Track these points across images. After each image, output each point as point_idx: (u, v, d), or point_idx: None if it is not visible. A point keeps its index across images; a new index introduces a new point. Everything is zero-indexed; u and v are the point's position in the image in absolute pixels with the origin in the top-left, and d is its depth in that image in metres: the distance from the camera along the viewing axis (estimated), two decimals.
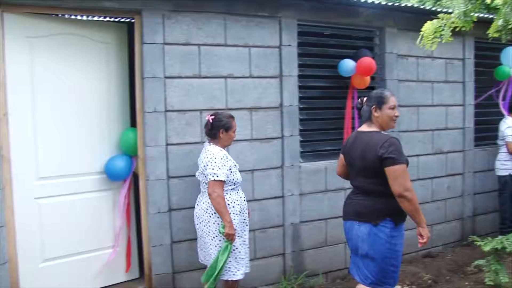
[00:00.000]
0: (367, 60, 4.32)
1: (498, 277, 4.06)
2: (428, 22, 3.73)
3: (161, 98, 3.69)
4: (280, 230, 4.25)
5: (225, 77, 3.95)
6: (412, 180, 4.58)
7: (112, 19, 4.27)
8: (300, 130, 4.35)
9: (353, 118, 4.60)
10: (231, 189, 3.44)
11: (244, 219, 3.53)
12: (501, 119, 5.51)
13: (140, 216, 3.89)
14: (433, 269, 4.74)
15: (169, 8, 3.71)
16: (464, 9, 3.70)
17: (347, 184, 4.51)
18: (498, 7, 3.73)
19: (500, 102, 5.67)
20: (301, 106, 4.35)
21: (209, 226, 3.39)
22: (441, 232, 5.29)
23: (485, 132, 5.71)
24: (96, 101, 3.84)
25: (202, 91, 3.85)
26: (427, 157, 5.12)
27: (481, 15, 5.02)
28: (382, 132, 3.11)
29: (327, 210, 4.49)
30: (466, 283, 4.38)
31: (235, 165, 3.46)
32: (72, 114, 3.71)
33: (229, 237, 3.28)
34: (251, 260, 4.08)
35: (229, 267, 3.42)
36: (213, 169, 3.28)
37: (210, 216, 3.38)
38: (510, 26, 3.64)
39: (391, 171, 2.90)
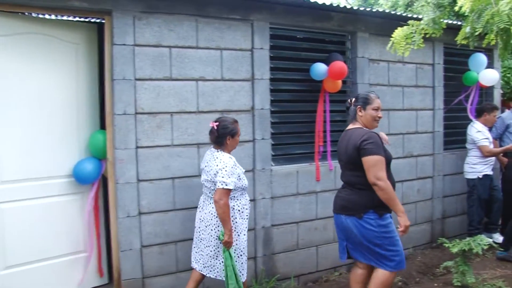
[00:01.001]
0: (339, 64, 4.39)
1: (466, 278, 4.20)
2: (399, 28, 3.83)
3: (131, 100, 3.69)
4: (252, 234, 4.28)
5: (197, 80, 3.97)
6: None
7: (82, 19, 4.24)
8: (272, 134, 4.39)
9: (324, 122, 4.67)
10: (240, 195, 3.53)
11: (247, 226, 3.64)
12: (468, 123, 5.69)
13: (109, 220, 3.87)
14: (403, 271, 4.83)
15: (140, 9, 3.72)
16: (433, 16, 3.82)
17: (318, 187, 4.63)
18: (466, 14, 3.86)
19: (468, 107, 5.86)
20: (272, 109, 4.40)
21: (218, 231, 3.45)
22: (411, 235, 5.40)
23: (454, 136, 5.89)
24: (64, 102, 3.81)
25: (173, 94, 3.87)
26: (397, 161, 5.24)
27: (450, 21, 5.19)
28: (364, 128, 3.38)
29: (298, 214, 4.55)
30: (435, 284, 4.50)
31: (243, 172, 3.56)
32: (38, 116, 3.67)
33: (227, 245, 3.37)
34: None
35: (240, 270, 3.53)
36: (223, 177, 3.32)
37: (219, 221, 3.43)
38: (477, 33, 3.76)
39: (366, 161, 3.21)
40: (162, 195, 3.84)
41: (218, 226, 3.45)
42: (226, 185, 3.31)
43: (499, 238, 5.70)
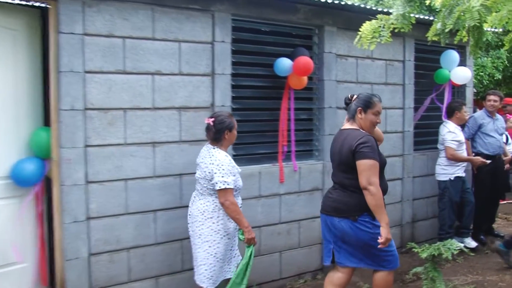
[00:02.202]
0: (305, 60, 4.40)
1: (435, 285, 4.24)
2: (367, 22, 3.86)
3: (79, 94, 3.59)
4: None
5: (152, 74, 3.91)
6: None
7: (22, 3, 4.05)
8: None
9: (289, 120, 4.68)
10: (234, 195, 3.56)
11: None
12: (440, 123, 5.80)
13: (53, 226, 3.75)
14: (371, 277, 4.87)
15: None
16: (403, 11, 3.86)
17: (282, 189, 4.64)
18: (438, 9, 3.92)
19: (442, 107, 5.97)
20: (234, 107, 4.37)
21: (202, 228, 3.54)
22: None
23: (425, 136, 5.99)
24: (0, 96, 3.64)
25: (127, 88, 3.80)
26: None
27: (422, 16, 5.27)
28: (361, 130, 3.53)
29: (261, 218, 4.54)
30: None
31: (238, 171, 3.64)
32: None
33: (251, 242, 3.54)
34: (179, 272, 4.09)
35: (212, 275, 3.57)
36: (222, 177, 3.41)
37: (205, 219, 3.53)
38: (448, 30, 3.82)
39: (359, 164, 3.36)
40: (114, 198, 3.76)
41: (203, 224, 3.53)
42: (228, 184, 3.42)
43: (471, 242, 5.83)
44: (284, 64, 4.45)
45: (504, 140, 7.77)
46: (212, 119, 3.58)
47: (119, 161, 3.78)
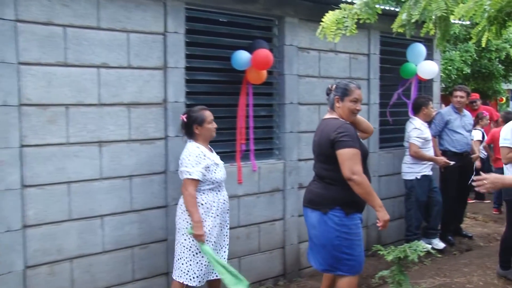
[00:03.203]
0: (264, 52, 4.36)
1: None
2: (330, 12, 3.84)
3: (13, 88, 3.43)
4: (164, 245, 4.18)
5: (98, 67, 3.80)
6: (301, 188, 4.78)
7: None
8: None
9: (247, 117, 4.63)
10: (209, 189, 3.76)
11: (221, 223, 3.83)
12: (407, 119, 5.84)
13: None
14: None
15: None
16: (367, 0, 3.84)
17: (240, 191, 4.60)
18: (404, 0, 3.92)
19: (409, 102, 6.01)
20: (188, 103, 4.29)
21: (180, 222, 3.77)
22: None
23: (391, 133, 6.03)
24: None
25: (69, 82, 3.67)
26: None
27: (387, 7, 5.28)
28: (340, 119, 3.57)
29: None
30: None
31: (215, 164, 3.78)
32: None
33: (197, 238, 3.61)
34: (130, 282, 4.00)
35: (188, 270, 3.71)
36: (186, 166, 3.64)
37: (181, 213, 3.75)
38: (414, 21, 3.83)
39: (340, 154, 3.40)
40: (55, 203, 3.62)
41: (180, 218, 3.75)
42: (190, 174, 3.61)
43: (438, 244, 5.91)
44: (242, 57, 4.40)
45: (480, 138, 7.96)
46: (185, 115, 3.79)
47: (61, 162, 3.65)
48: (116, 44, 3.87)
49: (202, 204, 3.71)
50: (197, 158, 3.65)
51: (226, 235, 3.96)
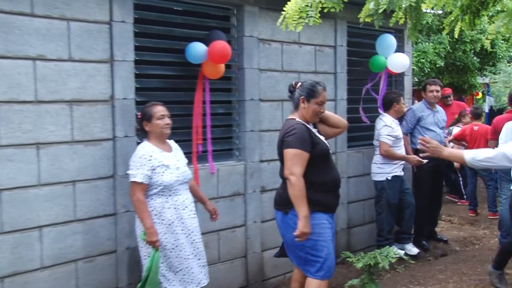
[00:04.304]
0: (221, 44, 4.34)
1: None
2: (292, 1, 3.79)
3: None
4: (113, 257, 4.08)
5: (34, 59, 3.68)
6: (264, 191, 4.97)
7: None
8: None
9: (204, 115, 4.60)
10: (156, 194, 3.74)
11: (183, 230, 3.79)
12: (377, 116, 5.83)
13: None
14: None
15: None
16: None
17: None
18: None
19: (378, 98, 6.02)
20: (138, 100, 4.23)
21: (136, 230, 3.83)
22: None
23: (360, 131, 6.02)
24: None
25: (0, 76, 3.54)
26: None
27: None
28: (298, 120, 3.78)
29: None
30: None
31: (164, 165, 3.74)
32: None
33: (151, 245, 3.64)
34: None
35: (163, 275, 3.74)
36: (131, 169, 3.68)
37: (136, 218, 3.80)
38: (382, 10, 3.81)
39: (284, 154, 3.68)
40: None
41: (137, 227, 3.81)
42: (134, 177, 3.63)
43: (412, 249, 5.94)
44: (197, 49, 4.37)
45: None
46: (139, 113, 3.87)
47: None
48: (55, 33, 3.76)
49: (151, 211, 3.71)
50: (141, 159, 3.66)
51: (199, 242, 3.94)
